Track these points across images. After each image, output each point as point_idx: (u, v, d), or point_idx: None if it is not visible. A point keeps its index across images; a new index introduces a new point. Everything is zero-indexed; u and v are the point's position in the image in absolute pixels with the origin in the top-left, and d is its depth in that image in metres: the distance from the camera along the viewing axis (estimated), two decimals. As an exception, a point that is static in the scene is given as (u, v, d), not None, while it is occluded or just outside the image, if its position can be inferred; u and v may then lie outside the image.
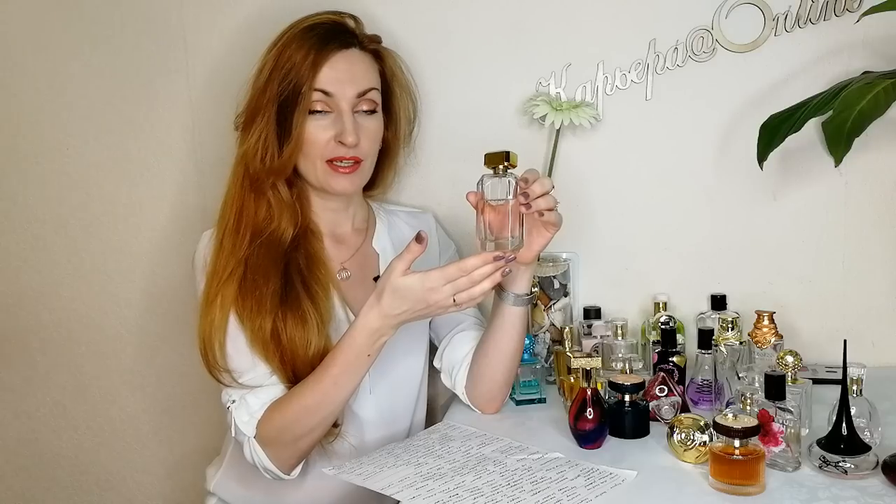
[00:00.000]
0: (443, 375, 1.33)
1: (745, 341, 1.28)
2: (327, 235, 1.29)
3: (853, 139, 1.25)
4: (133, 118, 1.56)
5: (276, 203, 1.23)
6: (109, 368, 1.66)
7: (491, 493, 0.97)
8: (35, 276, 1.64)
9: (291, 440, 1.16)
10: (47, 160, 1.60)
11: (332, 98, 1.20)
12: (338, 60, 1.20)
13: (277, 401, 1.16)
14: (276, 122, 1.19)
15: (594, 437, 1.12)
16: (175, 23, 1.52)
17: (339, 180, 1.23)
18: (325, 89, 1.19)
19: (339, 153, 1.21)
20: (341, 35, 1.23)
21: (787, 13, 1.37)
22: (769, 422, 1.01)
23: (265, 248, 1.20)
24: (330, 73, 1.19)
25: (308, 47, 1.19)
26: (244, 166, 1.22)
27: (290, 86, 1.18)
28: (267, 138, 1.20)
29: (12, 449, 1.71)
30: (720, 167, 1.43)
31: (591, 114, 1.39)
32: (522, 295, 1.19)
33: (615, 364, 1.28)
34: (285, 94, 1.18)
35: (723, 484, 0.98)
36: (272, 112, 1.19)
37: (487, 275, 1.04)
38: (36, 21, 1.56)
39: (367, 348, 1.11)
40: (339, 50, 1.21)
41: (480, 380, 1.26)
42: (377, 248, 1.33)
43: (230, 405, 1.18)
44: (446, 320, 1.33)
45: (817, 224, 1.43)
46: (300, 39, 1.20)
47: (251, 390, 1.17)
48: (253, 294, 1.17)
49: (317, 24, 1.22)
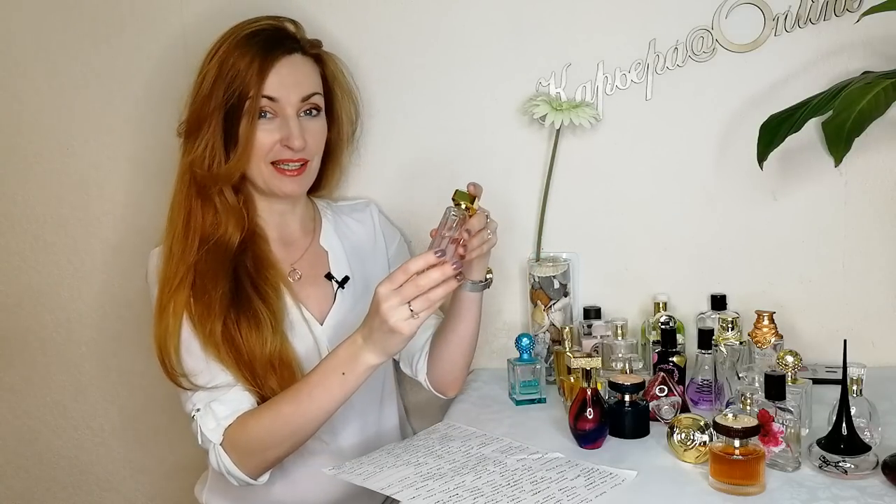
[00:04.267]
0: (402, 364, 1.37)
1: (745, 341, 1.28)
2: (276, 239, 1.31)
3: (853, 139, 1.25)
4: (133, 118, 1.56)
5: (223, 208, 1.24)
6: (109, 368, 1.66)
7: (491, 493, 0.97)
8: (35, 276, 1.64)
9: (261, 449, 1.16)
10: (47, 160, 1.60)
11: (277, 103, 1.21)
12: (282, 66, 1.21)
13: (254, 409, 1.17)
14: (223, 129, 1.20)
15: (594, 437, 1.12)
16: (175, 23, 1.52)
17: (286, 183, 1.24)
18: (271, 95, 1.20)
19: (284, 156, 1.23)
20: (284, 41, 1.24)
21: (787, 13, 1.37)
22: (769, 422, 1.01)
23: (213, 253, 1.21)
24: (275, 78, 1.20)
25: (252, 54, 1.19)
26: (191, 174, 1.23)
27: (235, 93, 1.19)
28: (213, 145, 1.21)
29: (12, 449, 1.71)
30: (720, 167, 1.43)
31: (591, 114, 1.39)
32: (478, 282, 1.22)
33: (615, 364, 1.28)
34: (231, 101, 1.19)
35: (723, 484, 0.98)
36: (218, 119, 1.20)
37: (437, 281, 1.04)
38: (36, 21, 1.56)
39: (343, 365, 1.10)
40: (283, 56, 1.22)
41: (441, 364, 1.30)
42: (325, 247, 1.35)
43: (195, 413, 1.18)
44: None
45: (817, 224, 1.43)
46: (243, 47, 1.20)
47: (217, 398, 1.17)
48: (202, 298, 1.19)
49: (258, 31, 1.23)
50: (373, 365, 1.10)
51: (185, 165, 1.24)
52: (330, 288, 1.32)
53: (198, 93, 1.22)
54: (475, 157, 1.49)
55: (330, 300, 1.31)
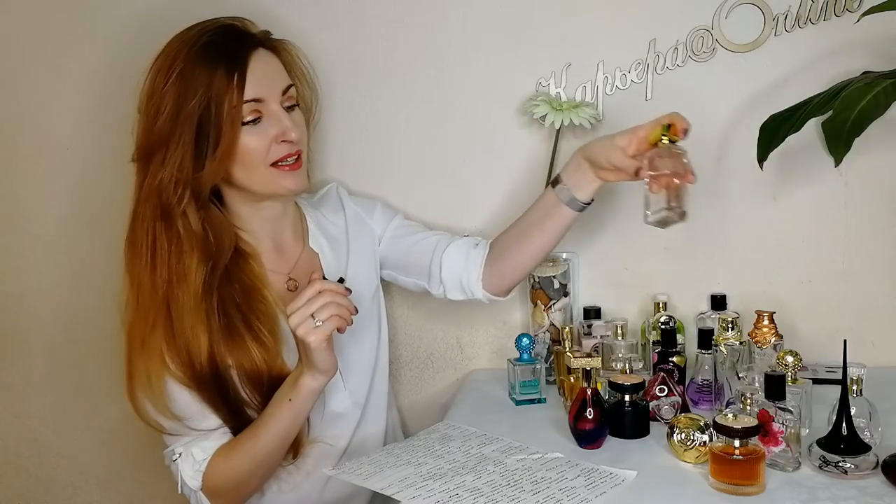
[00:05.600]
0: (451, 291, 1.33)
1: (745, 341, 1.28)
2: (269, 249, 1.26)
3: (853, 139, 1.25)
4: (133, 118, 1.56)
5: (186, 234, 1.15)
6: (109, 368, 1.65)
7: (491, 493, 0.97)
8: (35, 276, 1.64)
9: (234, 486, 1.17)
10: (47, 160, 1.60)
11: (262, 103, 1.15)
12: (254, 65, 1.15)
13: (221, 448, 1.17)
14: (194, 145, 1.12)
15: (594, 437, 1.12)
16: (175, 23, 1.51)
17: (288, 179, 1.19)
18: (256, 97, 1.14)
19: (283, 152, 1.17)
20: (242, 39, 1.17)
21: (787, 13, 1.37)
22: (769, 422, 1.01)
23: (183, 289, 1.14)
24: (252, 78, 1.14)
25: (217, 62, 1.12)
26: (157, 197, 1.14)
27: (209, 104, 1.11)
28: (182, 163, 1.12)
29: (12, 449, 1.70)
30: (720, 167, 1.43)
31: (591, 114, 1.39)
32: (581, 201, 1.20)
33: (615, 364, 1.28)
34: (204, 115, 1.11)
35: (723, 484, 0.98)
36: (189, 135, 1.12)
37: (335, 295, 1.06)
38: (36, 21, 1.56)
39: (289, 391, 1.12)
40: (250, 54, 1.15)
41: (506, 265, 1.28)
42: (315, 249, 1.31)
43: (176, 459, 1.18)
44: (420, 255, 1.34)
45: (817, 224, 1.43)
46: (203, 56, 1.13)
47: (197, 443, 1.17)
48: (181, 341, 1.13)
49: (213, 37, 1.15)
50: (312, 388, 1.11)
51: (148, 189, 1.15)
52: None
53: (158, 113, 1.13)
54: (475, 157, 1.49)
55: None
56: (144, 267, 1.16)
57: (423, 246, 1.35)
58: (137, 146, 1.18)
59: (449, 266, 1.32)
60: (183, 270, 1.14)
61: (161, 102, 1.13)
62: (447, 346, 1.56)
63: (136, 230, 1.17)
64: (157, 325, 1.14)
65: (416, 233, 1.38)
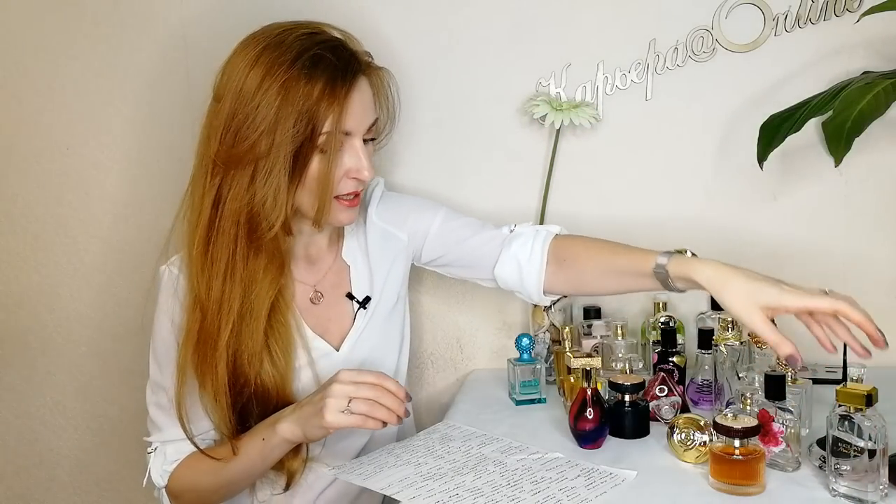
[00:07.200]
0: (510, 280, 1.24)
1: (745, 341, 1.28)
2: (301, 257, 1.22)
3: (853, 139, 1.25)
4: (133, 118, 1.56)
5: (268, 257, 1.11)
6: (109, 368, 1.66)
7: (491, 493, 0.97)
8: (35, 276, 1.64)
9: (195, 497, 1.17)
10: (47, 160, 1.60)
11: (350, 136, 1.10)
12: (356, 93, 1.08)
13: (192, 455, 1.16)
14: (291, 166, 1.06)
15: (594, 437, 1.12)
16: (175, 23, 1.52)
17: (345, 213, 1.14)
18: (348, 130, 1.08)
19: (350, 188, 1.12)
20: (350, 63, 1.09)
21: (787, 13, 1.37)
22: (769, 422, 1.01)
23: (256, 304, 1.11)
24: (350, 109, 1.07)
25: (324, 83, 1.05)
26: (248, 219, 1.08)
27: (307, 127, 1.04)
28: (279, 187, 1.05)
29: (12, 449, 1.70)
30: (720, 167, 1.43)
31: (591, 114, 1.39)
32: (673, 286, 1.08)
33: (615, 364, 1.28)
34: (305, 138, 1.05)
35: (723, 484, 0.98)
36: (287, 160, 1.05)
37: (388, 404, 1.03)
38: (36, 21, 1.56)
39: (265, 430, 1.10)
40: (355, 81, 1.08)
41: (579, 278, 1.19)
42: (347, 261, 1.25)
43: (150, 452, 1.18)
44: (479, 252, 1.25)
45: (817, 224, 1.43)
46: (311, 73, 1.04)
47: (172, 442, 1.16)
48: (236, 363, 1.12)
49: (321, 51, 1.07)
50: (287, 439, 1.08)
51: (238, 206, 1.07)
52: (351, 308, 1.24)
53: (249, 120, 1.04)
54: (475, 157, 1.49)
55: (350, 321, 1.24)
56: (215, 281, 1.10)
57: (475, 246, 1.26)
58: (219, 149, 1.08)
59: (507, 273, 1.24)
60: (255, 290, 1.11)
61: (255, 111, 1.04)
62: (447, 346, 1.56)
63: (217, 244, 1.10)
64: (220, 343, 1.10)
65: (465, 231, 1.28)
